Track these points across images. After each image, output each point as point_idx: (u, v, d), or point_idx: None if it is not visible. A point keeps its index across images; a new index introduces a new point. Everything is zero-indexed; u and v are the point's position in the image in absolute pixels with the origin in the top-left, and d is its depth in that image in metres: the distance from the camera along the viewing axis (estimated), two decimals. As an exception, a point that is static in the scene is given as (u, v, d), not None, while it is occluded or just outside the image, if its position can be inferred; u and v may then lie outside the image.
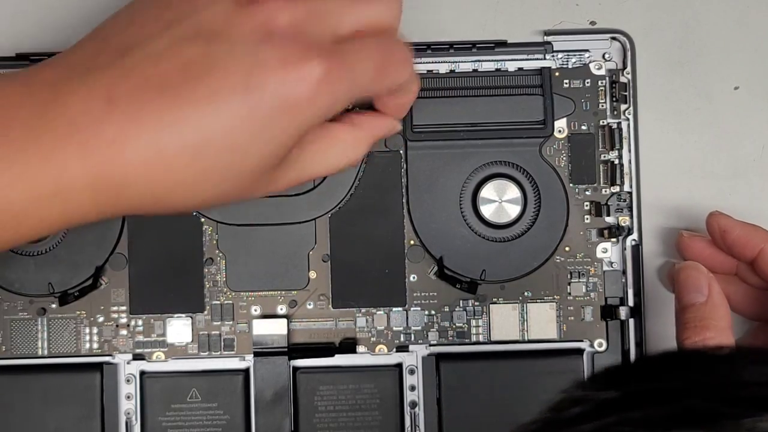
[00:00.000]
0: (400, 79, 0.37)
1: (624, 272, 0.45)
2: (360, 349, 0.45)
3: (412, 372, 0.45)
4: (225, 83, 0.33)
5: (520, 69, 0.44)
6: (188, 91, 0.33)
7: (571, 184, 0.45)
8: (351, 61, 0.35)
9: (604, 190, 0.45)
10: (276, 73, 0.33)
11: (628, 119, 0.44)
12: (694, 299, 0.40)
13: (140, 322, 0.44)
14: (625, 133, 0.45)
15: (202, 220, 0.44)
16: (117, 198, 0.34)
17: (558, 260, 0.45)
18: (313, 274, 0.45)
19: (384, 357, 0.45)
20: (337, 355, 0.44)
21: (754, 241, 0.41)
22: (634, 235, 0.44)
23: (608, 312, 0.44)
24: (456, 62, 0.44)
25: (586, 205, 0.45)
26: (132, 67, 0.33)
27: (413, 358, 0.45)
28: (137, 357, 0.44)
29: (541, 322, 0.45)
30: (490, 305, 0.45)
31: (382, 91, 0.38)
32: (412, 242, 0.45)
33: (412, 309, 0.45)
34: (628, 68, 0.44)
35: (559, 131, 0.45)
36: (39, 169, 0.32)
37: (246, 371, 0.44)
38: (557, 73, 0.45)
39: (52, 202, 0.33)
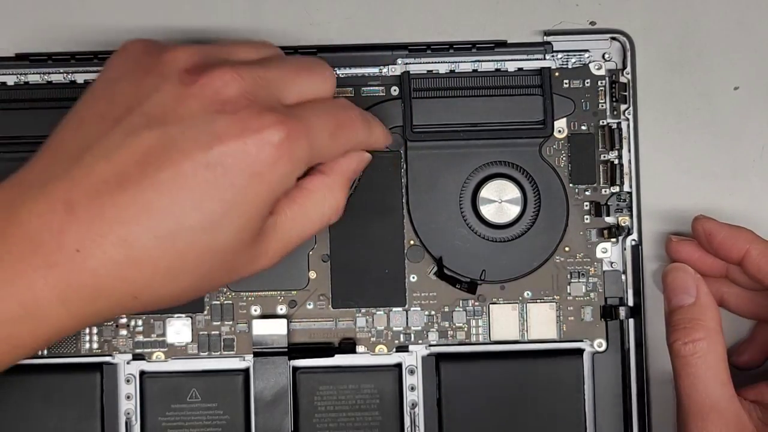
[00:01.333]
0: (355, 139, 0.38)
1: (624, 272, 0.45)
2: (360, 349, 0.45)
3: (412, 372, 0.45)
4: (185, 164, 0.33)
5: (520, 69, 0.44)
6: (149, 179, 0.33)
7: (571, 184, 0.45)
8: (307, 124, 0.35)
9: (604, 190, 0.45)
10: (235, 142, 0.33)
11: (627, 119, 0.44)
12: (682, 301, 0.40)
13: (140, 322, 0.44)
14: (624, 133, 0.45)
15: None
16: (93, 305, 0.33)
17: (558, 260, 0.45)
18: (313, 274, 0.45)
19: (384, 357, 0.45)
20: (336, 355, 0.44)
21: (740, 243, 0.41)
22: (634, 235, 0.44)
23: (608, 312, 0.44)
24: (456, 62, 0.44)
25: (586, 205, 0.45)
26: (87, 169, 0.33)
27: (413, 358, 0.45)
28: (137, 357, 0.44)
29: (541, 322, 0.45)
30: (490, 305, 0.45)
31: (339, 153, 0.38)
32: (412, 242, 0.45)
33: (412, 309, 0.45)
34: (628, 68, 0.44)
35: (559, 131, 0.45)
36: (3, 293, 0.32)
37: (246, 371, 0.44)
38: (557, 73, 0.45)
39: (21, 322, 0.32)
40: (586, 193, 0.45)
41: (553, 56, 0.45)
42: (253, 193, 0.34)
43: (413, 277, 0.45)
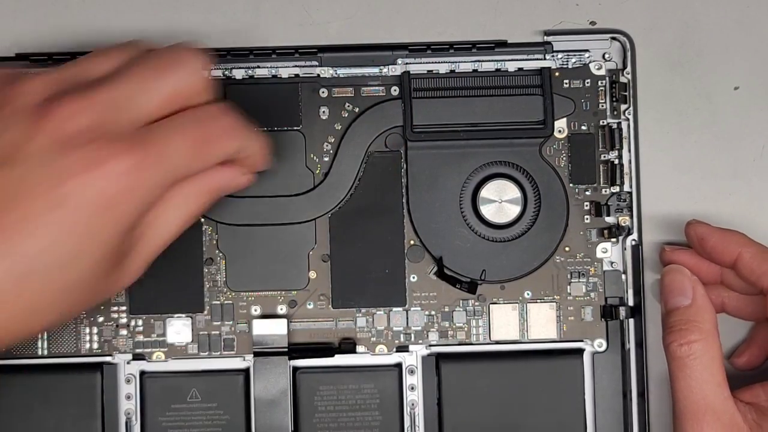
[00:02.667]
0: (226, 149, 0.36)
1: (624, 272, 0.45)
2: (360, 349, 0.45)
3: (412, 372, 0.45)
4: (33, 205, 0.32)
5: (520, 69, 0.44)
6: None
7: (571, 184, 0.45)
8: (160, 145, 0.34)
9: (604, 190, 0.45)
10: (80, 177, 0.32)
11: (628, 119, 0.44)
12: (678, 302, 0.40)
13: (140, 322, 0.44)
14: (625, 133, 0.45)
15: (202, 220, 0.44)
16: None
17: (558, 260, 0.45)
18: (313, 274, 0.45)
19: (384, 357, 0.45)
20: (336, 355, 0.44)
21: (732, 246, 0.41)
22: (634, 235, 0.44)
23: (608, 312, 0.44)
24: (456, 62, 0.44)
25: (586, 205, 0.45)
26: None
27: (413, 358, 0.45)
28: (137, 357, 0.44)
29: (541, 322, 0.45)
30: (490, 305, 0.45)
31: (210, 164, 0.37)
32: (412, 242, 0.45)
33: (412, 309, 0.45)
34: (628, 68, 0.44)
35: (559, 131, 0.45)
36: None
37: (246, 371, 0.44)
38: (557, 73, 0.45)
39: None
40: (586, 193, 0.45)
41: (553, 56, 0.45)
42: (106, 226, 0.33)
43: (413, 277, 0.45)
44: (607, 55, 0.45)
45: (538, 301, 0.45)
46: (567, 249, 0.45)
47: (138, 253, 0.36)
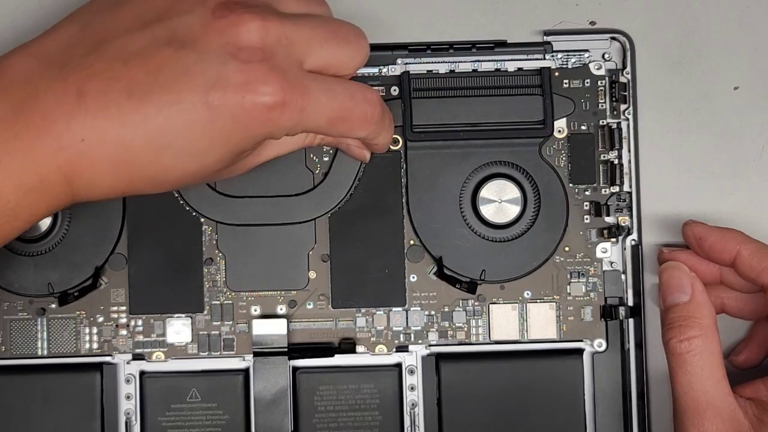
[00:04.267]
0: (355, 134, 0.39)
1: (624, 272, 0.45)
2: (360, 349, 0.45)
3: (411, 372, 0.45)
4: (188, 96, 0.34)
5: (520, 69, 0.44)
6: (154, 96, 0.34)
7: (570, 184, 0.45)
8: (309, 100, 0.36)
9: (603, 190, 0.45)
10: (235, 92, 0.34)
11: (627, 119, 0.44)
12: (677, 299, 0.40)
13: (140, 322, 0.44)
14: (624, 133, 0.45)
15: (202, 220, 0.44)
16: (89, 189, 0.35)
17: (558, 260, 0.45)
18: (312, 274, 0.45)
19: (384, 357, 0.45)
20: (336, 355, 0.44)
21: (730, 244, 0.41)
22: (634, 235, 0.44)
23: (608, 312, 0.44)
24: (456, 62, 0.44)
25: (586, 205, 0.45)
26: (105, 64, 0.34)
27: (413, 358, 0.45)
28: (137, 357, 0.44)
29: (541, 322, 0.45)
30: (490, 305, 0.45)
31: (332, 136, 0.40)
32: (412, 242, 0.45)
33: (411, 309, 0.45)
34: (628, 68, 0.44)
35: (559, 131, 0.45)
36: (23, 164, 0.34)
37: (246, 371, 0.44)
38: (557, 73, 0.45)
39: (38, 194, 0.34)
40: (586, 193, 0.45)
41: (553, 56, 0.45)
42: (237, 140, 0.36)
43: (413, 277, 0.45)
44: (606, 55, 0.45)
45: (538, 301, 0.45)
46: (567, 249, 0.45)
47: (254, 160, 0.39)
